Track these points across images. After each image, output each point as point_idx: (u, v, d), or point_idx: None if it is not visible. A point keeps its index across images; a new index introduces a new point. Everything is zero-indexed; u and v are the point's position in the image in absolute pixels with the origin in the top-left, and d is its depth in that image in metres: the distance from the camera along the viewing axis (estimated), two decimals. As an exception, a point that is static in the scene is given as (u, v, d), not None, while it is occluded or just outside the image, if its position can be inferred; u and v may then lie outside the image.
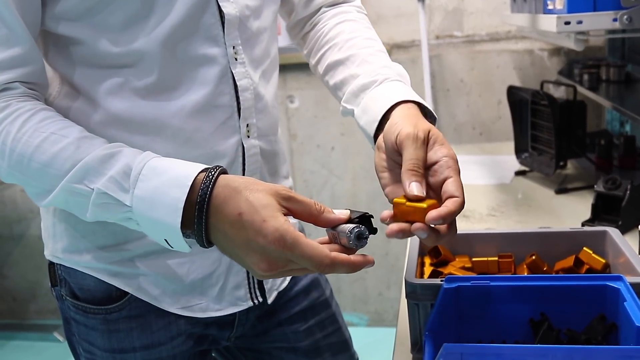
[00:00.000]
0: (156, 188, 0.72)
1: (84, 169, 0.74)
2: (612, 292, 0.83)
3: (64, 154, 0.75)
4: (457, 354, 0.71)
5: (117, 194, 0.73)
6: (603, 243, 1.04)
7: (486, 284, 0.85)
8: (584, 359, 0.71)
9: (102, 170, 0.74)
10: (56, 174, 0.75)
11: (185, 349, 0.97)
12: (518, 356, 0.72)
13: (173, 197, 0.70)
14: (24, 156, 0.76)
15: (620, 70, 2.11)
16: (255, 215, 0.67)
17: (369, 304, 2.92)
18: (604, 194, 1.42)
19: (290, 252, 0.67)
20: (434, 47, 2.60)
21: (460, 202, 0.72)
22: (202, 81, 0.87)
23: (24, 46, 0.78)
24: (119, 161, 0.74)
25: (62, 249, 0.93)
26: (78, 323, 0.95)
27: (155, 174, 0.73)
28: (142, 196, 0.72)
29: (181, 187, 0.70)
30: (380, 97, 0.85)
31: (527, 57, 2.56)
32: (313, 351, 1.10)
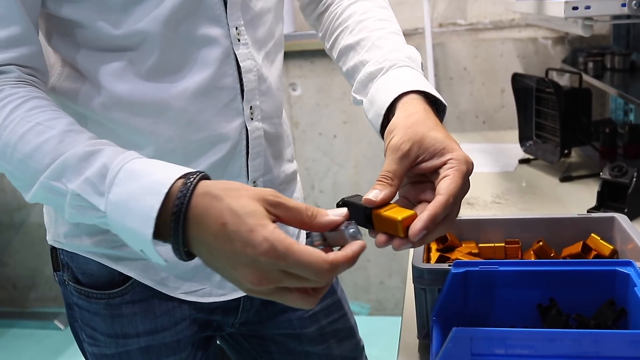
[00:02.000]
0: (130, 194, 0.65)
1: (62, 165, 0.68)
2: (622, 277, 0.82)
3: (46, 147, 0.70)
4: (467, 338, 0.70)
5: (91, 197, 0.67)
6: (611, 229, 1.03)
7: (494, 269, 0.84)
8: (593, 344, 0.71)
9: (80, 169, 0.68)
10: (36, 168, 0.70)
11: (190, 334, 0.96)
12: (527, 340, 0.71)
13: (146, 205, 0.64)
14: (8, 145, 0.71)
15: (625, 58, 2.10)
16: (240, 225, 0.60)
17: (370, 292, 2.92)
18: (610, 181, 1.41)
19: (284, 263, 0.60)
20: (437, 35, 2.58)
21: (443, 200, 0.67)
22: (205, 62, 0.85)
23: (21, 26, 0.75)
24: (97, 160, 0.68)
25: (64, 234, 0.92)
26: (81, 308, 0.94)
27: (131, 178, 0.66)
28: (115, 201, 0.66)
29: (156, 194, 0.63)
30: (384, 87, 0.82)
31: (531, 46, 2.54)
32: (318, 337, 1.09)
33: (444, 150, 0.71)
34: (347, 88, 2.75)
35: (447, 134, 0.73)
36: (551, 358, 0.71)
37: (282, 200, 0.63)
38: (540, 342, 0.71)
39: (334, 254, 0.61)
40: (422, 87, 0.79)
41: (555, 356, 0.71)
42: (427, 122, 0.74)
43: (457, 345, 0.70)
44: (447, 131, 0.74)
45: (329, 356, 1.11)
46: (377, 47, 0.89)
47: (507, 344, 0.71)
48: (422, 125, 0.73)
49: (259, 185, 0.94)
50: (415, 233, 0.66)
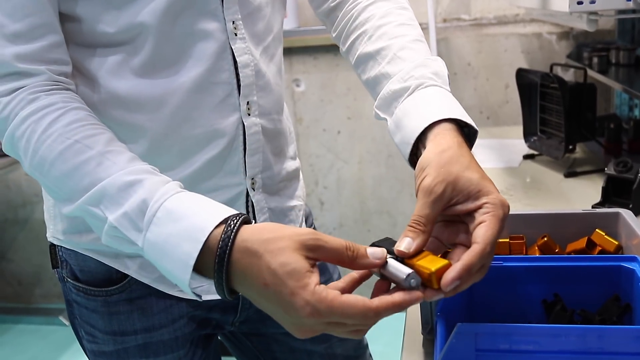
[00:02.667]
0: (168, 237, 0.66)
1: (101, 193, 0.69)
2: (627, 273, 0.82)
3: (84, 168, 0.71)
4: (471, 333, 0.70)
5: (129, 232, 0.68)
6: (616, 225, 1.03)
7: (499, 264, 0.84)
8: (598, 339, 0.71)
9: (119, 200, 0.69)
10: (74, 188, 0.71)
11: (188, 331, 0.96)
12: (532, 336, 0.71)
13: (184, 252, 0.65)
14: (46, 160, 0.72)
15: (630, 53, 2.09)
16: (281, 287, 0.61)
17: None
18: (614, 176, 1.41)
19: (328, 319, 0.62)
20: (441, 31, 2.57)
21: (479, 250, 0.65)
22: (200, 57, 0.84)
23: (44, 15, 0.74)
24: (136, 193, 0.68)
25: (63, 231, 0.92)
26: (80, 305, 0.94)
27: (170, 219, 0.67)
28: (154, 241, 0.67)
29: (194, 241, 0.64)
30: (412, 112, 0.77)
31: (535, 41, 2.54)
32: (320, 336, 1.08)
33: (480, 193, 0.68)
34: (351, 84, 2.75)
35: (482, 173, 0.70)
36: (556, 353, 0.71)
37: (322, 243, 0.63)
38: (544, 338, 0.71)
39: (378, 300, 0.62)
40: (454, 115, 0.75)
41: (559, 352, 0.71)
42: (461, 160, 0.70)
43: (461, 340, 0.70)
44: (481, 169, 0.71)
45: (331, 355, 1.10)
46: (400, 59, 0.83)
47: (511, 340, 0.71)
48: (456, 163, 0.69)
49: (257, 182, 0.93)
50: (447, 283, 0.63)
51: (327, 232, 2.90)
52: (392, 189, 2.79)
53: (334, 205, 2.85)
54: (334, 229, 2.89)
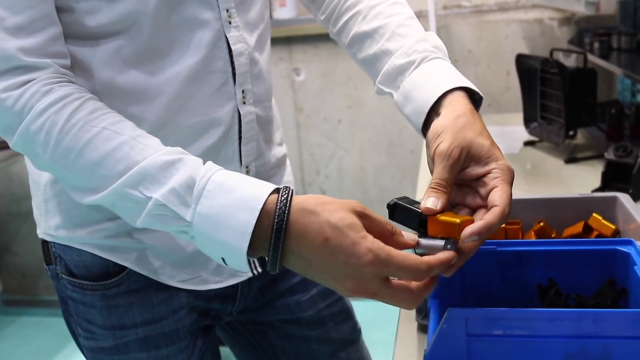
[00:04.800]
0: (222, 207, 0.67)
1: (140, 174, 0.69)
2: (622, 257, 0.81)
3: (117, 154, 0.70)
4: (462, 318, 0.69)
5: (177, 207, 0.68)
6: (613, 209, 1.02)
7: (492, 249, 0.83)
8: (593, 323, 0.70)
9: (161, 179, 0.69)
10: (107, 174, 0.70)
11: (188, 322, 0.95)
12: (525, 321, 0.70)
13: (241, 220, 0.66)
14: (72, 151, 0.71)
15: (632, 38, 2.07)
16: (343, 238, 0.64)
17: (377, 278, 2.91)
18: (614, 161, 1.40)
19: (387, 269, 0.64)
20: (441, 18, 2.56)
21: (499, 211, 0.69)
22: (196, 46, 0.83)
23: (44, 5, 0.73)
24: (180, 171, 0.69)
25: (55, 226, 0.90)
26: (75, 301, 0.92)
27: (221, 191, 0.68)
28: (205, 214, 0.67)
29: (250, 210, 0.66)
30: (422, 83, 0.81)
31: (536, 27, 2.52)
32: (316, 321, 1.08)
33: (489, 159, 0.73)
34: (352, 73, 2.74)
35: (492, 140, 0.75)
36: (549, 338, 0.70)
37: (368, 212, 0.68)
38: (536, 322, 0.70)
39: (428, 258, 0.66)
40: (463, 83, 0.79)
41: (553, 336, 0.70)
42: (474, 127, 0.74)
43: (453, 325, 0.70)
44: (491, 136, 0.75)
45: (327, 339, 1.10)
46: (399, 35, 0.86)
47: (503, 324, 0.70)
48: (470, 129, 0.74)
49: (252, 171, 0.93)
50: (466, 235, 0.68)
51: (329, 221, 2.89)
52: (394, 178, 2.78)
53: (335, 195, 2.84)
54: (336, 219, 2.88)
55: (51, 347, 2.81)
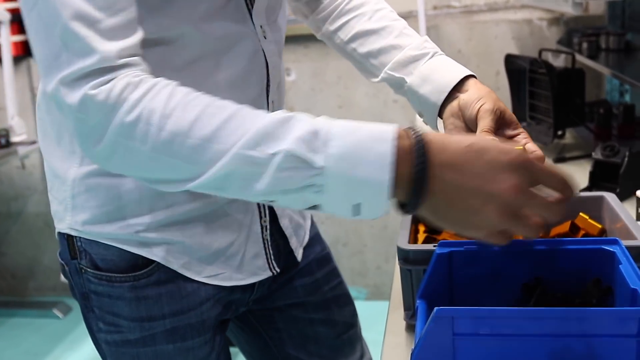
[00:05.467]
0: (356, 144, 0.65)
1: (259, 134, 0.67)
2: (608, 256, 0.82)
3: (230, 125, 0.68)
4: (448, 317, 0.70)
5: (307, 155, 0.66)
6: (600, 208, 1.03)
7: (479, 249, 0.84)
8: (579, 321, 0.70)
9: (282, 134, 0.67)
10: (220, 149, 0.68)
11: (213, 315, 0.96)
12: (510, 319, 0.71)
13: (379, 152, 0.65)
14: (177, 134, 0.68)
15: (620, 38, 2.09)
16: (485, 141, 0.69)
17: (367, 277, 2.92)
18: (602, 161, 1.41)
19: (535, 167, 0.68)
20: (431, 18, 2.57)
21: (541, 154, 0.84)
22: (238, 57, 0.88)
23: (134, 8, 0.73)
24: (299, 123, 0.67)
25: (83, 222, 0.90)
26: (100, 295, 0.92)
27: (348, 132, 0.66)
28: (339, 154, 0.65)
29: (384, 141, 0.65)
30: (442, 69, 0.95)
31: (525, 27, 2.53)
32: (320, 304, 1.12)
33: (517, 126, 0.91)
34: (342, 73, 2.75)
35: None
36: (535, 337, 0.71)
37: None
38: (523, 321, 0.71)
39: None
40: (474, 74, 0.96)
41: (539, 335, 0.70)
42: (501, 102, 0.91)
43: (439, 325, 0.70)
44: None
45: (331, 321, 1.13)
46: (407, 35, 1.00)
47: (489, 323, 0.71)
48: (501, 102, 0.90)
49: None
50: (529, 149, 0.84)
51: (319, 221, 2.89)
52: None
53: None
54: (327, 218, 2.88)
55: (41, 348, 2.80)
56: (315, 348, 1.13)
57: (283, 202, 0.71)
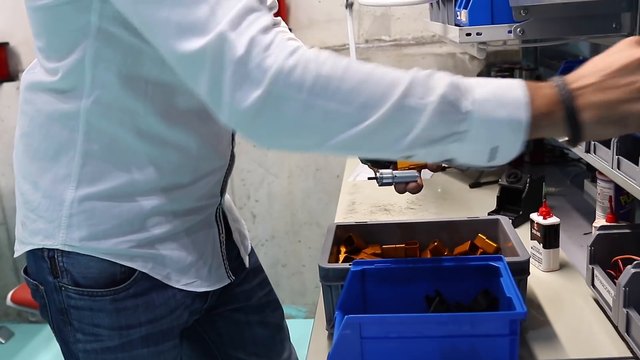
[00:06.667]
0: (495, 90, 0.73)
1: (413, 84, 0.73)
2: (493, 270, 0.97)
3: (376, 73, 0.74)
4: (356, 324, 0.84)
5: (459, 101, 0.72)
6: (496, 230, 1.19)
7: (387, 266, 0.98)
8: (463, 324, 0.85)
9: (432, 84, 0.73)
10: (374, 91, 0.73)
11: (182, 321, 1.10)
12: (408, 324, 0.85)
13: (515, 95, 0.72)
14: (333, 77, 0.72)
15: (531, 73, 2.29)
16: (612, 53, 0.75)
17: (306, 296, 3.05)
18: (506, 186, 1.58)
19: None
20: (363, 51, 2.74)
21: None
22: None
23: None
24: (442, 77, 0.74)
25: (80, 238, 1.00)
26: (80, 309, 1.03)
27: (481, 84, 0.74)
28: (483, 99, 0.72)
29: (517, 87, 0.73)
30: None
31: (450, 60, 2.72)
32: (257, 308, 1.28)
33: None
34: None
35: None
36: (428, 338, 0.85)
37: None
38: (418, 325, 0.85)
39: None
40: None
41: (431, 337, 0.85)
42: None
43: (349, 330, 0.84)
44: None
45: (266, 323, 1.30)
46: None
47: (391, 328, 0.85)
48: None
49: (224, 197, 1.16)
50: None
51: (260, 244, 3.02)
52: (320, 201, 2.93)
53: (265, 218, 2.98)
54: (267, 241, 3.01)
55: None
56: (253, 348, 1.29)
57: (421, 156, 0.76)
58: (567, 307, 1.15)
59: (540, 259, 1.30)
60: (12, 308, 2.74)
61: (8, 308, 3.01)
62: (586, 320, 1.10)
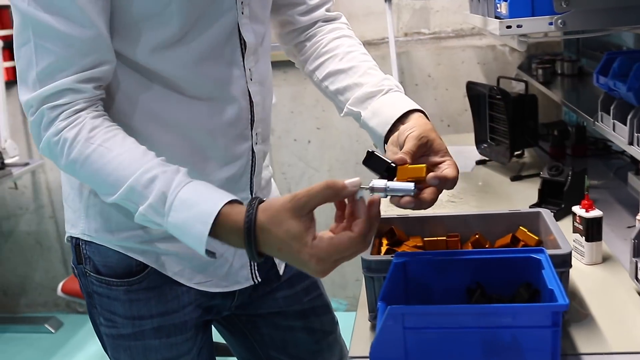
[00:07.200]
0: (185, 221, 0.87)
1: (130, 190, 0.89)
2: (535, 263, 0.98)
3: (107, 169, 0.90)
4: (399, 314, 0.85)
5: (155, 217, 0.89)
6: (537, 223, 1.19)
7: (429, 258, 1.00)
8: (504, 316, 0.86)
9: (145, 194, 0.88)
10: (103, 184, 0.92)
11: (195, 316, 1.13)
12: (450, 315, 0.87)
13: (198, 231, 0.86)
14: (76, 162, 0.91)
15: (574, 64, 2.27)
16: (289, 248, 0.83)
17: (347, 289, 3.07)
18: (548, 179, 1.57)
19: (331, 258, 0.83)
20: (402, 44, 2.74)
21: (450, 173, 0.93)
22: (231, 98, 1.04)
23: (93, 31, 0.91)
24: (156, 187, 0.88)
25: (96, 229, 1.07)
26: (101, 295, 1.10)
27: (184, 207, 0.87)
28: (174, 224, 0.88)
29: (204, 224, 0.85)
30: (388, 104, 1.05)
31: (490, 53, 2.71)
32: (300, 313, 1.27)
33: (445, 154, 0.97)
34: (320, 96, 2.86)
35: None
36: (470, 329, 0.86)
37: (306, 199, 0.83)
38: (460, 317, 0.86)
39: (357, 227, 0.83)
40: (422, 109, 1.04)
41: (473, 327, 0.86)
42: (437, 133, 0.99)
43: (392, 321, 0.85)
44: None
45: (309, 329, 1.29)
46: (370, 74, 1.11)
47: (433, 319, 0.87)
48: (434, 133, 0.98)
49: None
50: (431, 177, 0.90)
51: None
52: (361, 194, 2.94)
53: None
54: (307, 234, 3.03)
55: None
56: (295, 351, 1.29)
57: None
58: (610, 301, 1.15)
59: (583, 252, 1.30)
60: (61, 299, 2.83)
61: (57, 299, 3.11)
62: (630, 314, 1.10)
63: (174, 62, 0.98)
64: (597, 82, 1.47)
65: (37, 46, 0.89)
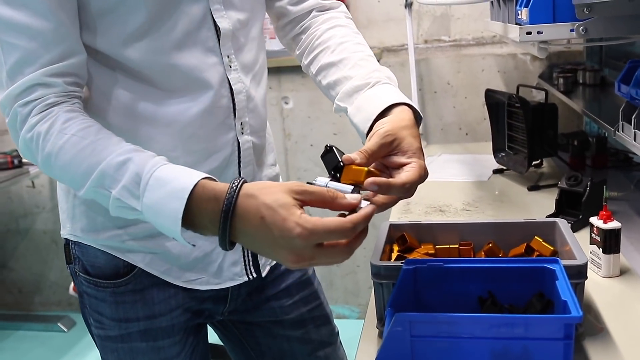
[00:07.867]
0: (159, 199, 0.82)
1: (101, 175, 0.85)
2: (549, 273, 0.95)
3: (80, 156, 0.87)
4: (407, 321, 0.83)
5: (129, 200, 0.84)
6: (553, 233, 1.16)
7: (440, 266, 0.97)
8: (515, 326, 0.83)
9: (117, 177, 0.85)
10: (77, 173, 0.87)
11: (183, 320, 1.11)
12: (459, 324, 0.84)
13: (172, 208, 0.81)
14: (51, 155, 0.88)
15: (596, 74, 2.23)
16: (275, 215, 0.76)
17: (360, 296, 3.04)
18: (566, 190, 1.54)
19: (315, 237, 0.76)
20: (422, 51, 2.72)
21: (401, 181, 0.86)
22: (207, 86, 1.00)
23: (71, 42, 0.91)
24: (129, 169, 0.84)
25: (81, 229, 1.07)
26: (89, 296, 1.09)
27: (159, 185, 0.83)
28: (149, 205, 0.83)
29: (179, 199, 0.81)
30: (373, 98, 0.98)
31: (510, 61, 2.68)
32: (298, 323, 1.24)
33: (414, 155, 0.90)
34: (338, 101, 2.89)
35: (420, 145, 0.92)
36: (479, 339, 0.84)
37: (306, 188, 0.80)
38: (470, 325, 0.84)
39: (351, 216, 0.78)
40: (407, 101, 0.97)
41: (481, 337, 0.84)
42: (411, 130, 0.92)
43: (399, 328, 0.83)
44: (421, 144, 0.92)
45: (307, 340, 1.25)
46: (360, 66, 1.05)
47: (441, 327, 0.84)
48: (407, 130, 0.91)
49: None
50: (368, 182, 0.83)
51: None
52: (377, 201, 2.92)
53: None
54: (322, 240, 3.01)
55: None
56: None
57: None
58: (627, 315, 1.12)
59: (600, 264, 1.27)
60: (74, 298, 2.84)
61: (71, 298, 3.12)
62: (647, 328, 1.07)
63: (148, 53, 0.95)
64: (619, 91, 1.44)
65: (3, 43, 0.88)
